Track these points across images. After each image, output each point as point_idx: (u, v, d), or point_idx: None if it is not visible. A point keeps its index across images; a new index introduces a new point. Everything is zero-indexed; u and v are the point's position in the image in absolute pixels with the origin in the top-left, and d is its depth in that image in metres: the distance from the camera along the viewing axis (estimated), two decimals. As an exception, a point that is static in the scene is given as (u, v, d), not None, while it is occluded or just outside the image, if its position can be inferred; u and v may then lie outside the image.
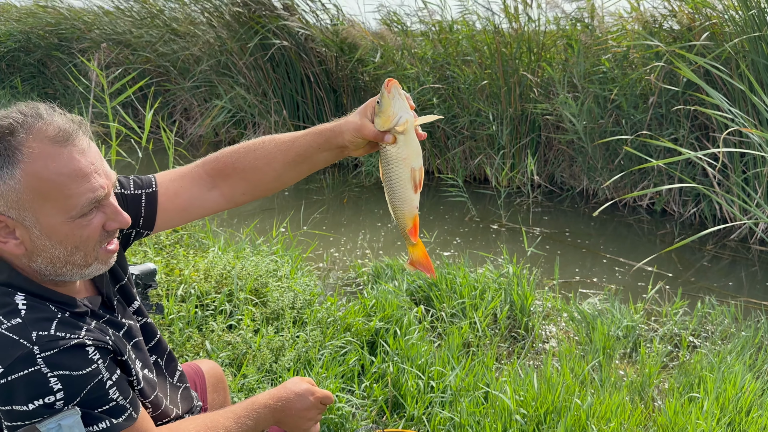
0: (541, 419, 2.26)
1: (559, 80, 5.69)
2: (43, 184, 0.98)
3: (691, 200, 5.45)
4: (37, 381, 0.94)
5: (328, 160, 1.28)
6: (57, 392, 0.95)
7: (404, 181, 1.24)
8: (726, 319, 3.30)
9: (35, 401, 0.94)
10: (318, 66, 7.02)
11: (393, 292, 3.19)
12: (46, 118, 1.00)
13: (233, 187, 1.29)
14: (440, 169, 6.78)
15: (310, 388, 1.28)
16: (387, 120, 1.14)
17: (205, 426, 1.15)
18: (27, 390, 0.94)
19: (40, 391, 0.95)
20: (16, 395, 0.94)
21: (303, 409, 1.25)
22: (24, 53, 10.37)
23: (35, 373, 0.94)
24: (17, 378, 0.94)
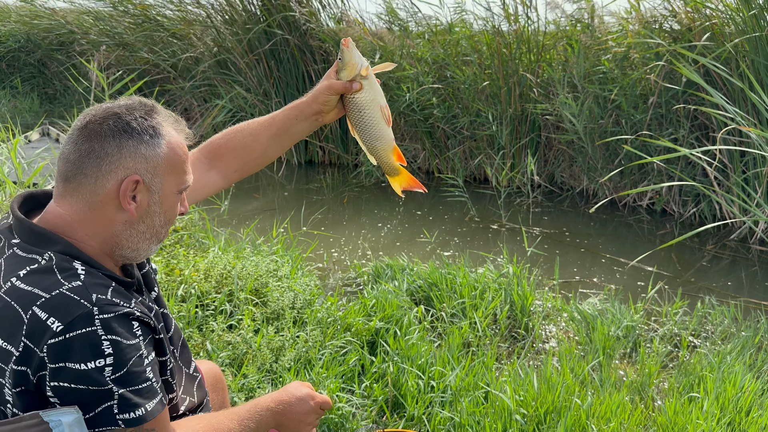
0: (541, 419, 2.26)
1: (559, 80, 5.70)
2: (175, 157, 1.13)
3: (691, 200, 5.46)
4: (93, 342, 0.99)
5: (305, 130, 1.43)
6: (107, 357, 0.99)
7: (378, 119, 1.37)
8: (726, 319, 3.30)
9: (89, 362, 0.98)
10: (320, 64, 7.02)
11: (393, 292, 3.19)
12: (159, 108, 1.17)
13: (227, 164, 1.45)
14: (440, 169, 6.78)
15: (310, 392, 1.30)
16: (352, 69, 1.30)
17: (211, 426, 1.16)
18: (83, 349, 0.98)
19: (95, 353, 0.99)
20: (72, 353, 0.98)
21: (303, 413, 1.27)
22: (24, 53, 10.37)
23: (92, 333, 0.99)
24: (76, 336, 0.98)
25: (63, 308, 0.99)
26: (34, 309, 0.99)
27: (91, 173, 1.07)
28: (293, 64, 7.08)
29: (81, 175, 1.08)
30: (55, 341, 0.97)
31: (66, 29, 9.63)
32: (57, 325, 0.97)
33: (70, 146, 1.09)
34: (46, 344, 0.97)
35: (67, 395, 1.00)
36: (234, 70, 7.52)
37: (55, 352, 0.97)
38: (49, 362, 0.98)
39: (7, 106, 9.32)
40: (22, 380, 1.00)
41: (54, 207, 1.11)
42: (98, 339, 0.99)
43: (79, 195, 1.08)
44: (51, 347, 0.97)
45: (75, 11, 9.67)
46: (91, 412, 1.01)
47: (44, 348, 0.97)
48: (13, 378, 1.00)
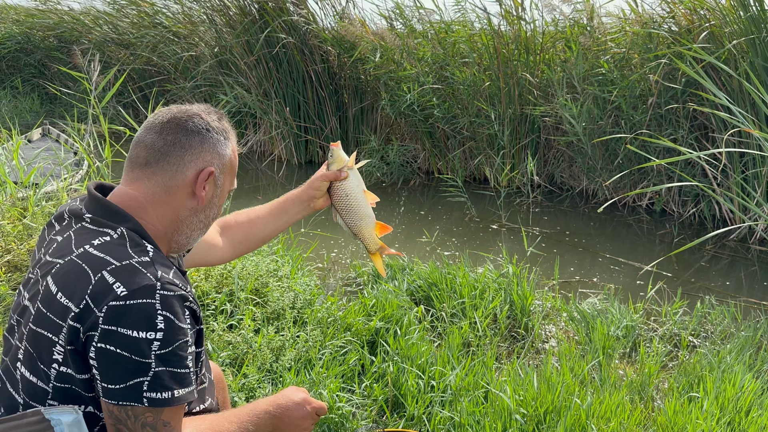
0: (541, 419, 2.26)
1: (558, 81, 5.70)
2: (235, 161, 1.30)
3: (691, 200, 5.46)
4: (149, 313, 1.04)
5: (299, 213, 1.63)
6: (158, 331, 1.04)
7: (363, 201, 1.59)
8: (725, 318, 3.30)
9: (140, 332, 1.03)
10: (320, 64, 7.02)
11: (393, 292, 3.19)
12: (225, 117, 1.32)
13: (234, 235, 1.62)
14: (440, 170, 6.79)
15: (306, 397, 1.33)
16: (340, 161, 1.56)
17: (211, 427, 1.18)
18: (139, 318, 1.03)
19: (149, 324, 1.04)
20: (127, 318, 1.03)
21: (299, 418, 1.29)
22: (24, 54, 10.38)
23: (150, 305, 1.04)
24: (136, 304, 1.03)
25: (130, 276, 1.05)
26: (104, 273, 1.05)
27: (175, 161, 1.19)
28: (293, 64, 7.09)
29: (164, 161, 1.19)
30: (115, 304, 1.03)
31: (67, 27, 9.63)
32: (121, 290, 1.04)
33: (154, 135, 1.20)
34: (106, 305, 1.03)
35: (106, 359, 1.03)
36: (234, 70, 7.52)
37: (113, 314, 1.03)
38: (103, 323, 1.03)
39: (7, 106, 9.32)
40: (73, 337, 1.04)
41: (125, 189, 1.20)
42: (154, 312, 1.04)
43: (158, 178, 1.19)
44: (110, 309, 1.03)
45: (76, 11, 9.68)
46: (120, 383, 1.03)
47: (103, 308, 1.03)
48: (67, 335, 1.04)
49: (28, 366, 1.10)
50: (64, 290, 1.06)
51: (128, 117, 3.83)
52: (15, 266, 2.86)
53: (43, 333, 1.07)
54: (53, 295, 1.07)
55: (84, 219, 1.16)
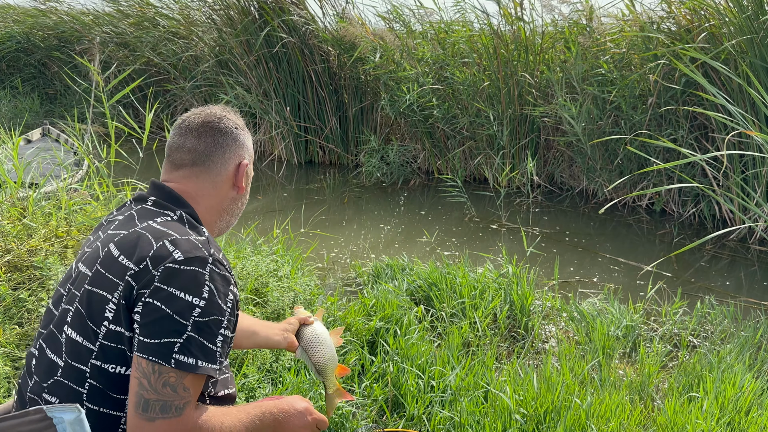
0: (541, 419, 2.26)
1: (557, 82, 5.70)
2: (252, 153, 1.47)
3: (691, 200, 5.46)
4: (198, 281, 1.15)
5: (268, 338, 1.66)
6: (202, 299, 1.14)
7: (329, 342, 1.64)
8: (725, 318, 3.30)
9: (187, 295, 1.14)
10: (320, 64, 7.02)
11: (393, 292, 3.19)
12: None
13: None
14: (440, 170, 6.79)
15: (309, 408, 1.35)
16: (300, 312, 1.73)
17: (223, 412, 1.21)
18: (187, 282, 1.14)
19: (196, 290, 1.14)
20: (178, 280, 1.14)
21: (299, 426, 1.32)
22: (24, 54, 10.38)
23: (201, 274, 1.16)
24: (188, 270, 1.15)
25: (187, 246, 1.19)
26: (165, 241, 1.18)
27: (218, 160, 1.37)
28: (293, 64, 7.09)
29: (209, 161, 1.36)
30: (171, 266, 1.15)
31: (68, 27, 9.63)
32: (178, 255, 1.16)
33: (194, 140, 1.36)
34: (163, 266, 1.15)
35: (149, 314, 1.12)
36: (234, 70, 7.52)
37: (167, 274, 1.15)
38: (157, 281, 1.14)
39: (8, 106, 9.32)
40: (128, 293, 1.15)
41: (178, 186, 1.35)
42: (203, 281, 1.16)
43: (205, 176, 1.36)
44: (165, 269, 1.15)
45: (76, 11, 9.68)
46: (155, 339, 1.11)
47: (160, 269, 1.15)
48: (123, 291, 1.15)
49: (76, 326, 1.17)
50: (125, 253, 1.18)
51: (128, 117, 3.83)
52: (15, 266, 2.86)
53: (98, 292, 1.17)
54: (114, 258, 1.18)
55: (146, 201, 1.31)
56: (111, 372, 1.15)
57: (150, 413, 1.09)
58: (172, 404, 1.10)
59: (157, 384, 1.10)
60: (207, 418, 1.15)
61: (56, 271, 2.56)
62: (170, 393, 1.10)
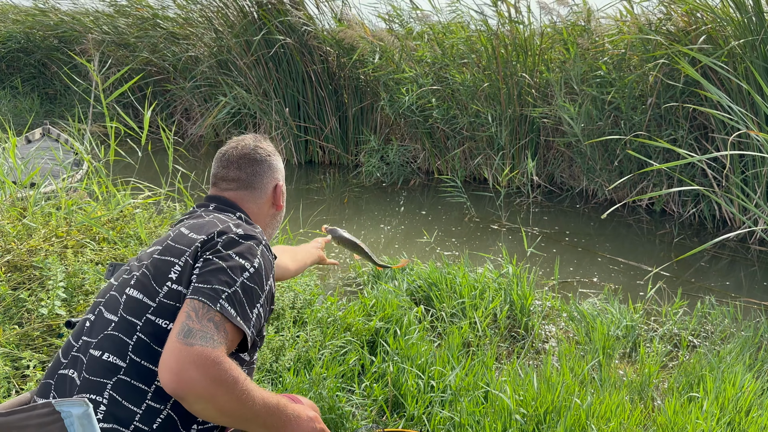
0: (541, 419, 2.26)
1: (556, 82, 5.70)
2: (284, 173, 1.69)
3: (691, 200, 5.46)
4: (252, 252, 1.34)
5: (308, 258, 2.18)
6: (252, 267, 1.31)
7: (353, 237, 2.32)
8: (725, 318, 3.30)
9: (242, 259, 1.30)
10: (320, 64, 7.02)
11: (393, 291, 3.19)
12: None
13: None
14: (440, 170, 6.79)
15: (317, 417, 1.37)
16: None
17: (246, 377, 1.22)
18: (244, 250, 1.33)
19: (249, 258, 1.32)
20: (235, 247, 1.32)
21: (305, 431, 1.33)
22: (24, 54, 10.37)
23: (255, 248, 1.35)
24: (246, 243, 1.34)
25: (247, 229, 1.40)
26: (230, 224, 1.39)
27: (259, 186, 1.59)
28: (292, 65, 7.09)
29: (251, 187, 1.58)
30: (232, 236, 1.35)
31: (68, 27, 9.63)
32: (239, 231, 1.37)
33: (235, 171, 1.58)
34: (226, 235, 1.34)
35: (207, 265, 1.28)
36: (234, 70, 7.52)
37: (228, 241, 1.33)
38: (219, 246, 1.32)
39: (7, 106, 9.32)
40: (194, 256, 1.32)
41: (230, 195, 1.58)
42: (256, 253, 1.34)
43: (250, 198, 1.58)
44: (228, 238, 1.34)
45: (76, 12, 9.68)
46: (208, 284, 1.24)
47: (223, 237, 1.34)
48: (191, 255, 1.31)
49: (139, 287, 1.30)
50: (195, 230, 1.37)
51: (127, 117, 3.82)
52: (15, 266, 2.86)
53: (166, 259, 1.32)
54: (185, 234, 1.37)
55: (209, 207, 1.53)
56: (163, 327, 1.24)
57: (191, 339, 1.15)
58: (212, 337, 1.17)
59: (203, 318, 1.19)
60: (235, 366, 1.19)
61: (56, 271, 2.56)
62: (213, 329, 1.18)
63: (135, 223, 3.43)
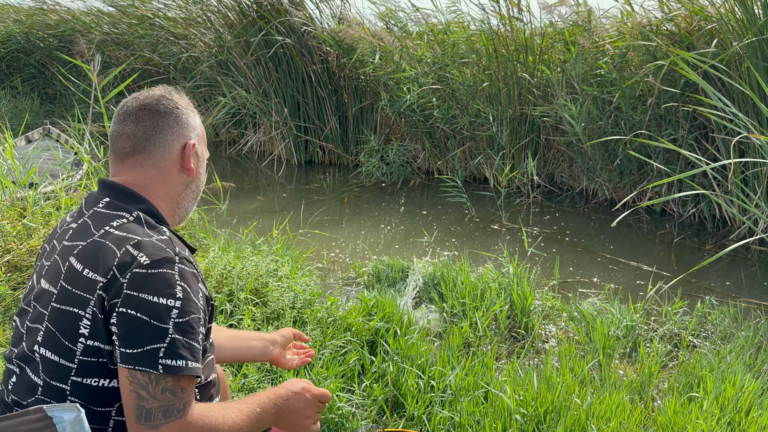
0: (541, 419, 2.26)
1: (557, 82, 5.70)
2: (204, 130, 1.39)
3: (691, 200, 5.46)
4: (170, 281, 1.13)
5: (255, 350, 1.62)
6: (177, 300, 1.12)
7: None
8: (726, 318, 3.30)
9: (161, 298, 1.11)
10: (320, 64, 7.02)
11: (393, 291, 3.19)
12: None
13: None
14: (440, 170, 6.79)
15: (306, 386, 1.33)
16: None
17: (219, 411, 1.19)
18: (160, 285, 1.12)
19: (169, 292, 1.12)
20: (149, 285, 1.11)
21: (302, 407, 1.30)
22: (24, 54, 10.38)
23: (170, 275, 1.13)
24: (157, 272, 1.12)
25: (152, 249, 1.15)
26: (128, 246, 1.14)
27: (160, 143, 1.28)
28: (292, 65, 7.09)
29: (150, 146, 1.27)
30: (138, 271, 1.12)
31: (67, 27, 9.63)
32: (144, 259, 1.13)
33: (133, 125, 1.27)
34: (130, 272, 1.11)
35: (126, 324, 1.09)
36: (234, 70, 7.52)
37: (136, 280, 1.11)
38: (126, 288, 1.11)
39: (7, 106, 9.32)
40: (101, 307, 1.12)
41: (126, 179, 1.27)
42: (174, 281, 1.13)
43: (150, 162, 1.28)
44: (133, 275, 1.11)
45: (77, 11, 9.68)
46: (138, 348, 1.09)
47: (127, 275, 1.11)
48: (96, 305, 1.12)
49: (50, 346, 1.14)
50: (90, 266, 1.14)
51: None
52: (15, 266, 2.86)
53: (68, 309, 1.13)
54: (79, 272, 1.14)
55: (99, 204, 1.24)
56: (94, 386, 1.14)
57: (153, 421, 1.08)
58: (173, 408, 1.10)
59: (156, 391, 1.09)
60: (208, 414, 1.15)
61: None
62: (170, 397, 1.10)
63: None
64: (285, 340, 1.62)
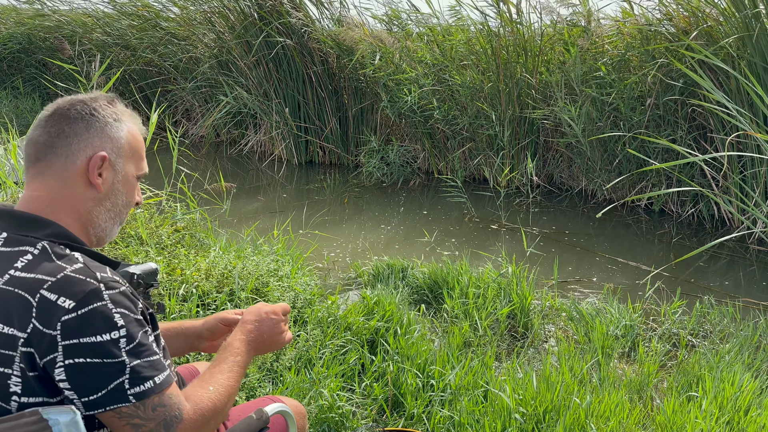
0: (540, 418, 2.27)
1: (556, 84, 5.70)
2: (135, 142, 1.23)
3: (689, 200, 5.47)
4: (105, 315, 1.03)
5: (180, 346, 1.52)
6: (120, 328, 1.03)
7: None
8: (724, 318, 3.31)
9: (104, 334, 1.02)
10: (320, 66, 7.04)
11: (393, 291, 3.20)
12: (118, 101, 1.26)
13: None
14: (440, 170, 6.80)
15: (267, 309, 1.36)
16: None
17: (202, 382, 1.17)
18: (97, 323, 1.02)
19: (109, 325, 1.03)
20: (86, 327, 1.01)
21: (270, 330, 1.33)
22: (26, 54, 10.39)
23: (103, 307, 1.03)
24: (88, 311, 1.01)
25: (71, 287, 1.02)
26: (42, 292, 1.01)
27: (62, 151, 1.14)
28: (293, 66, 7.10)
29: (51, 153, 1.14)
30: (68, 317, 1.00)
31: (69, 28, 9.64)
32: (68, 303, 1.01)
33: (39, 130, 1.15)
34: (59, 322, 1.00)
35: (79, 374, 1.01)
36: (235, 71, 7.53)
37: (69, 328, 1.00)
38: (62, 340, 1.00)
39: (9, 106, 9.33)
40: (30, 363, 1.01)
41: (28, 194, 1.15)
42: (110, 312, 1.03)
43: (50, 172, 1.14)
44: (64, 324, 1.00)
45: (77, 12, 9.69)
46: (101, 390, 1.02)
47: (57, 326, 1.00)
48: (24, 362, 1.01)
49: None
50: (4, 320, 1.01)
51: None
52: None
53: None
54: None
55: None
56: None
57: None
58: (170, 416, 1.07)
59: (148, 412, 1.05)
60: (200, 400, 1.13)
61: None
62: (162, 410, 1.07)
63: (136, 223, 3.44)
64: (211, 334, 1.51)
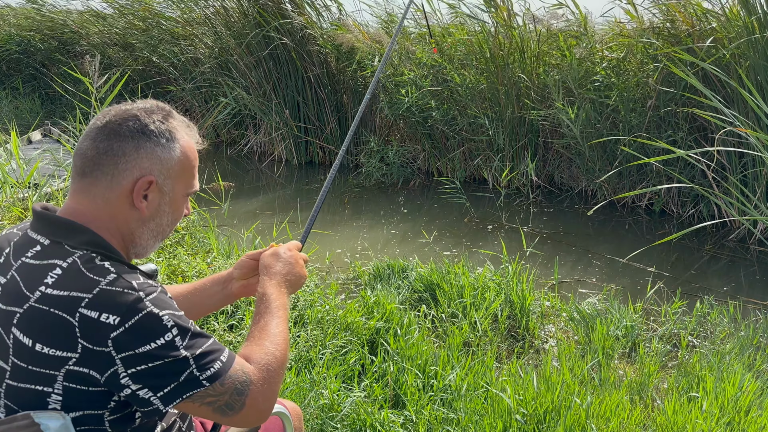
0: (541, 418, 2.27)
1: (554, 85, 5.70)
2: (187, 161, 1.18)
3: (690, 201, 5.47)
4: (153, 321, 1.02)
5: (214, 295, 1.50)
6: (172, 329, 1.03)
7: None
8: (725, 318, 3.31)
9: (158, 340, 1.01)
10: (319, 67, 7.04)
11: (393, 291, 3.20)
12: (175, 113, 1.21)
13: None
14: (440, 171, 6.80)
15: (276, 249, 1.40)
16: None
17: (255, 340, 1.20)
18: (147, 331, 1.01)
19: (159, 330, 1.02)
20: (138, 338, 1.00)
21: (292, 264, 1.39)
22: (25, 55, 10.38)
23: (149, 314, 1.02)
24: (136, 322, 1.00)
25: (111, 301, 1.00)
26: (81, 311, 0.99)
27: (108, 170, 1.10)
28: (292, 66, 7.10)
29: (98, 171, 1.10)
30: (117, 333, 0.99)
31: (68, 29, 9.64)
32: (113, 318, 0.99)
33: (88, 143, 1.12)
34: (109, 339, 0.99)
35: (145, 377, 1.01)
36: (235, 71, 7.53)
37: (121, 343, 0.99)
38: (118, 354, 0.99)
39: (8, 106, 9.33)
40: (84, 381, 1.01)
41: (70, 204, 1.12)
42: (157, 317, 1.02)
43: (95, 190, 1.11)
44: (115, 340, 0.99)
45: (77, 12, 9.69)
46: (174, 382, 1.03)
47: (108, 343, 0.99)
48: (74, 381, 1.01)
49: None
50: (42, 340, 1.00)
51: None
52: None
53: (29, 387, 1.02)
54: (30, 348, 1.00)
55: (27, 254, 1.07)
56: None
57: (236, 407, 1.08)
58: (240, 383, 1.08)
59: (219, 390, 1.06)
60: (261, 358, 1.15)
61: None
62: (231, 382, 1.07)
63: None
64: (241, 272, 1.47)
